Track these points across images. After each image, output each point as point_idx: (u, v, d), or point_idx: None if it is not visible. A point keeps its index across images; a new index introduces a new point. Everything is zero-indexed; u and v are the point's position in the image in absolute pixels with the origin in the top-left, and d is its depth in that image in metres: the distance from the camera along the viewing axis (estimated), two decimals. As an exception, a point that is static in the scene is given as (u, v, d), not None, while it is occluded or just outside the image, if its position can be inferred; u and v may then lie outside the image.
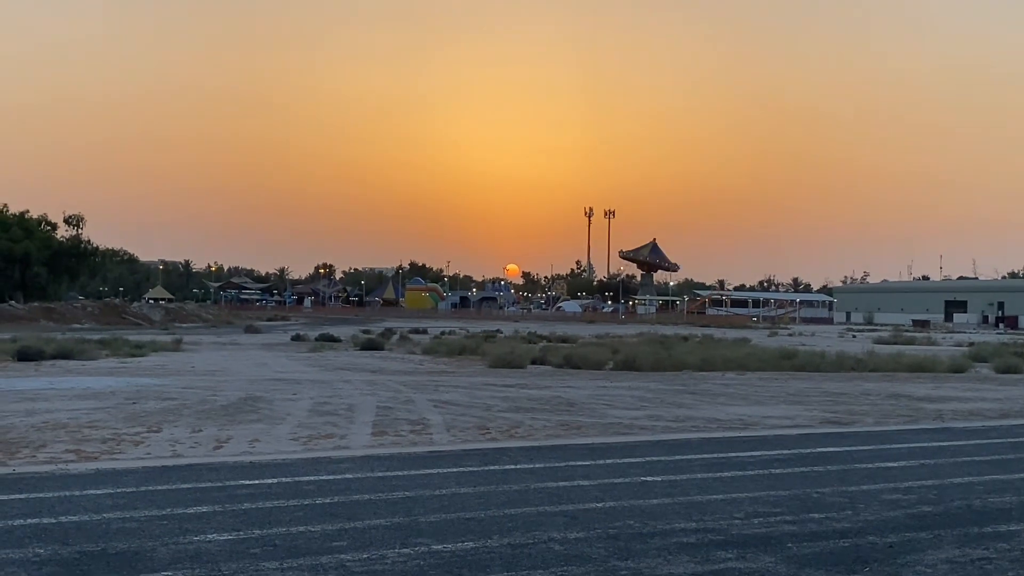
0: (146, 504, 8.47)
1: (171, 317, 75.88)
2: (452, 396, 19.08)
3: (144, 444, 12.25)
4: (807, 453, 12.57)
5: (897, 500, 9.36)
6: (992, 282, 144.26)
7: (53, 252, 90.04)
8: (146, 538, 7.27)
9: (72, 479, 9.70)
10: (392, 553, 6.96)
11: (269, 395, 18.58)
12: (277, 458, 11.31)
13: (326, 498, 8.90)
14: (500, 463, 11.21)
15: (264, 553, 6.90)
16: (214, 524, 7.75)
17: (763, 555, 7.15)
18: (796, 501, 9.21)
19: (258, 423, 14.48)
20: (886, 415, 17.47)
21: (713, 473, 10.79)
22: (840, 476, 10.71)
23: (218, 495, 8.95)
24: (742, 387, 22.94)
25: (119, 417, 14.82)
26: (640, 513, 8.49)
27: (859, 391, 22.25)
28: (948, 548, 7.48)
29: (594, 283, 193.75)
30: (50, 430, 13.27)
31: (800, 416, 17.03)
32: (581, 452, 12.25)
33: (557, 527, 7.89)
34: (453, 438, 13.41)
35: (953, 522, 8.41)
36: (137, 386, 20.12)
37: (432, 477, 10.16)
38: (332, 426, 14.29)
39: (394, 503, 8.73)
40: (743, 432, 14.72)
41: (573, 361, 29.75)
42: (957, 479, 10.65)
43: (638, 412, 16.98)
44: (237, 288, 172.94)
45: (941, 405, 19.36)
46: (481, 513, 8.36)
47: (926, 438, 14.36)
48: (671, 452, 12.36)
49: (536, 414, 16.32)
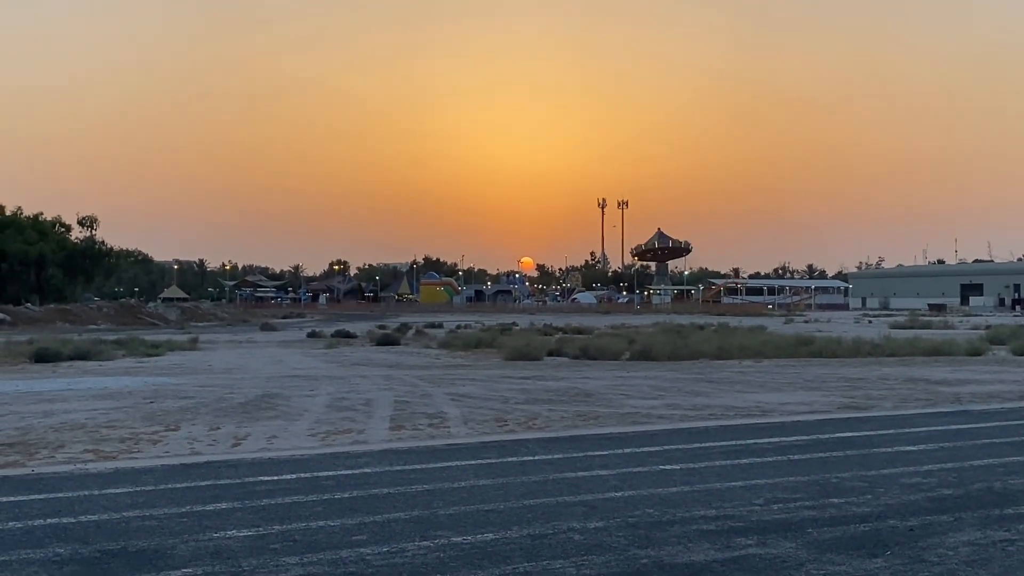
0: (165, 502, 8.48)
1: (187, 316, 76.07)
2: (469, 389, 19.08)
3: (162, 443, 12.27)
4: (825, 439, 12.53)
5: (917, 484, 9.32)
6: (1008, 264, 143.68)
7: (68, 254, 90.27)
8: (166, 535, 7.27)
9: (91, 478, 9.71)
10: (412, 546, 6.95)
11: (286, 392, 18.60)
12: (295, 454, 11.32)
13: (345, 492, 8.90)
14: (518, 455, 11.19)
15: (284, 548, 6.90)
16: (233, 520, 7.75)
17: (783, 541, 7.12)
18: (815, 486, 9.18)
19: (276, 420, 14.49)
20: (904, 399, 17.41)
21: (732, 460, 10.76)
22: (859, 461, 10.67)
23: (237, 492, 8.95)
24: (759, 374, 22.89)
25: (137, 416, 14.85)
26: (659, 501, 8.47)
27: (876, 376, 22.18)
28: (969, 531, 7.44)
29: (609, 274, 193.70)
30: (68, 431, 13.30)
31: (818, 402, 16.99)
32: (599, 442, 12.23)
33: (577, 517, 7.87)
34: (471, 431, 13.41)
35: (974, 504, 8.37)
36: (154, 385, 20.17)
37: (450, 470, 10.15)
38: (350, 421, 14.30)
39: (413, 496, 8.73)
40: (761, 419, 14.68)
41: (589, 352, 29.72)
42: (977, 461, 10.60)
43: (655, 401, 16.95)
44: (252, 286, 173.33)
45: (959, 388, 19.28)
46: (500, 505, 8.35)
47: (945, 421, 14.31)
48: (689, 440, 12.33)
49: (553, 405, 16.30)
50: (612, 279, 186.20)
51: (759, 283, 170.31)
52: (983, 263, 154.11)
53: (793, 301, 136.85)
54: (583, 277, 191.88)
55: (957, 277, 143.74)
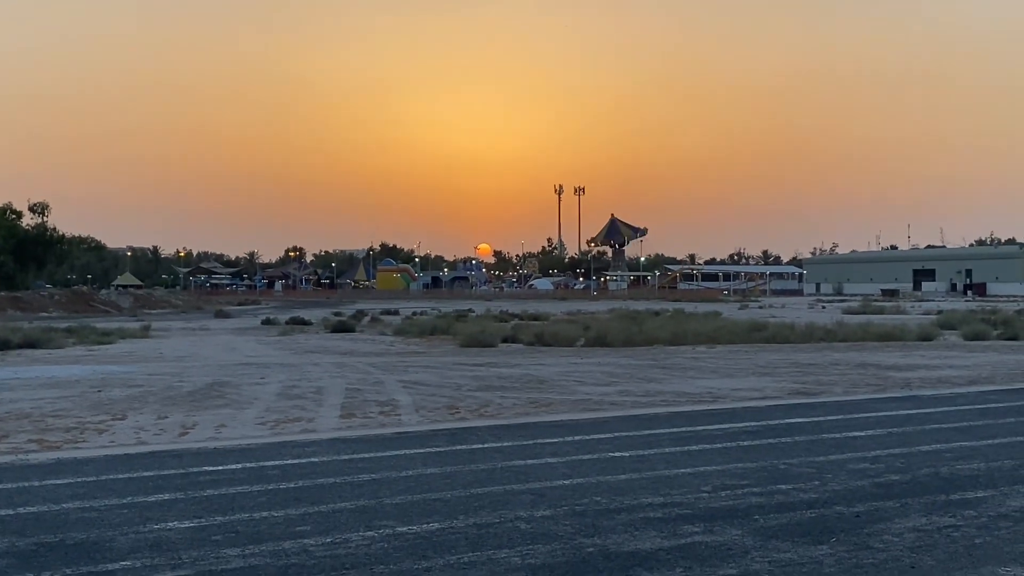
0: (106, 493, 8.35)
1: (140, 304, 75.44)
2: (422, 376, 19.00)
3: (108, 432, 12.11)
4: (775, 424, 12.57)
5: (864, 469, 9.35)
6: (960, 250, 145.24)
7: (19, 241, 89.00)
8: (105, 527, 7.15)
9: (32, 469, 9.55)
10: (356, 536, 6.87)
11: (237, 380, 18.44)
12: (242, 443, 11.20)
13: (290, 482, 8.81)
14: (468, 442, 11.14)
15: (226, 540, 6.80)
16: (175, 512, 7.64)
17: (730, 528, 7.11)
18: (764, 473, 9.19)
19: (225, 408, 14.35)
20: (855, 384, 17.51)
21: (681, 447, 10.75)
22: (808, 447, 10.70)
23: (180, 482, 8.83)
24: (712, 360, 22.96)
25: (84, 406, 14.65)
26: (608, 489, 8.44)
27: (828, 361, 22.31)
28: (915, 516, 7.46)
29: (566, 260, 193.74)
30: (13, 420, 13.11)
31: (769, 388, 17.05)
32: (550, 429, 12.19)
33: (524, 505, 7.82)
34: (422, 418, 13.33)
35: (920, 490, 8.40)
36: (103, 374, 19.93)
37: (399, 458, 10.07)
38: (300, 409, 14.19)
39: (359, 485, 8.65)
40: (712, 405, 14.71)
41: (544, 339, 29.71)
42: (925, 447, 10.66)
43: (608, 388, 16.95)
44: (207, 273, 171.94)
45: (909, 373, 19.42)
46: (447, 493, 8.28)
47: (894, 407, 14.39)
48: (640, 427, 12.33)
49: (506, 392, 16.26)
50: (569, 265, 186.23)
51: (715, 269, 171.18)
52: (935, 248, 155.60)
53: (748, 287, 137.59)
54: (540, 263, 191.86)
55: (910, 263, 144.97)
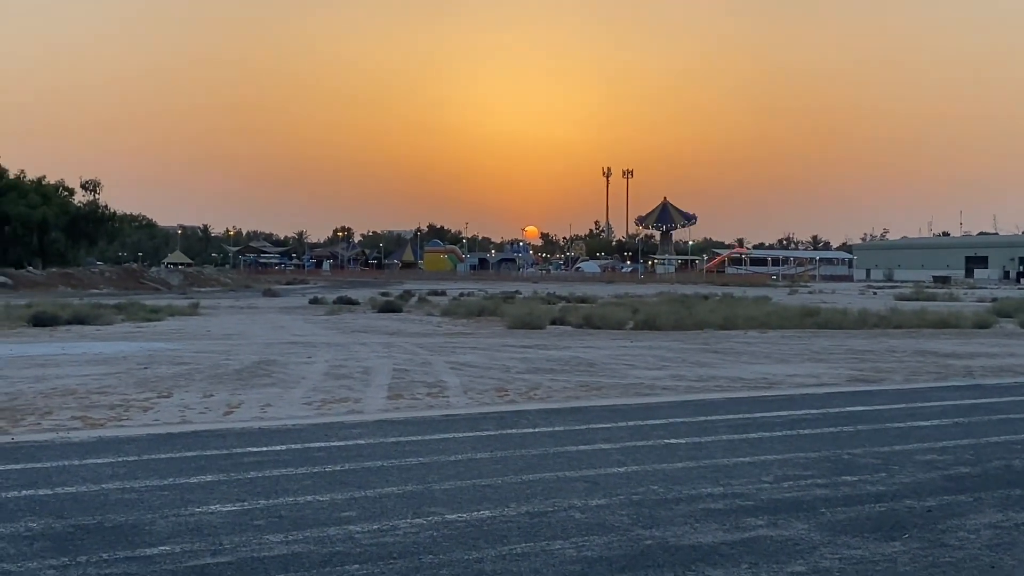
0: (147, 473, 8.12)
1: (189, 282, 75.65)
2: (470, 358, 18.72)
3: (153, 410, 11.92)
4: (835, 412, 12.16)
5: (932, 461, 8.95)
6: (1013, 237, 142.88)
7: (71, 218, 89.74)
8: (145, 510, 6.92)
9: (73, 448, 9.34)
10: (404, 523, 6.60)
11: (284, 359, 18.25)
12: (288, 423, 10.97)
13: (336, 465, 8.54)
14: (518, 426, 10.84)
15: (268, 525, 6.55)
16: (217, 494, 7.39)
17: (795, 521, 6.76)
18: (827, 463, 8.82)
19: (271, 387, 14.15)
20: (914, 372, 17.04)
21: (739, 435, 10.39)
22: (871, 436, 10.30)
23: (224, 463, 8.59)
24: (765, 345, 22.52)
25: (129, 383, 14.50)
26: (664, 478, 8.11)
27: (884, 348, 21.81)
28: (990, 512, 7.08)
29: (613, 243, 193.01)
30: (58, 396, 12.95)
31: (826, 374, 16.61)
32: (602, 414, 11.87)
33: (578, 494, 7.51)
34: (470, 401, 13.05)
35: (993, 484, 8.01)
36: (150, 351, 19.81)
37: (448, 442, 9.79)
38: (347, 390, 13.95)
39: (407, 470, 8.37)
40: (768, 391, 14.31)
41: (593, 321, 29.32)
42: (994, 438, 10.24)
43: (660, 372, 16.59)
44: (256, 252, 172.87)
45: (970, 361, 18.90)
46: (498, 480, 7.98)
47: (957, 396, 13.94)
48: (695, 413, 11.97)
49: (556, 375, 15.94)
50: (616, 248, 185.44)
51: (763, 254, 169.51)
52: (988, 236, 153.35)
53: (797, 272, 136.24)
54: (587, 246, 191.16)
55: (962, 249, 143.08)
